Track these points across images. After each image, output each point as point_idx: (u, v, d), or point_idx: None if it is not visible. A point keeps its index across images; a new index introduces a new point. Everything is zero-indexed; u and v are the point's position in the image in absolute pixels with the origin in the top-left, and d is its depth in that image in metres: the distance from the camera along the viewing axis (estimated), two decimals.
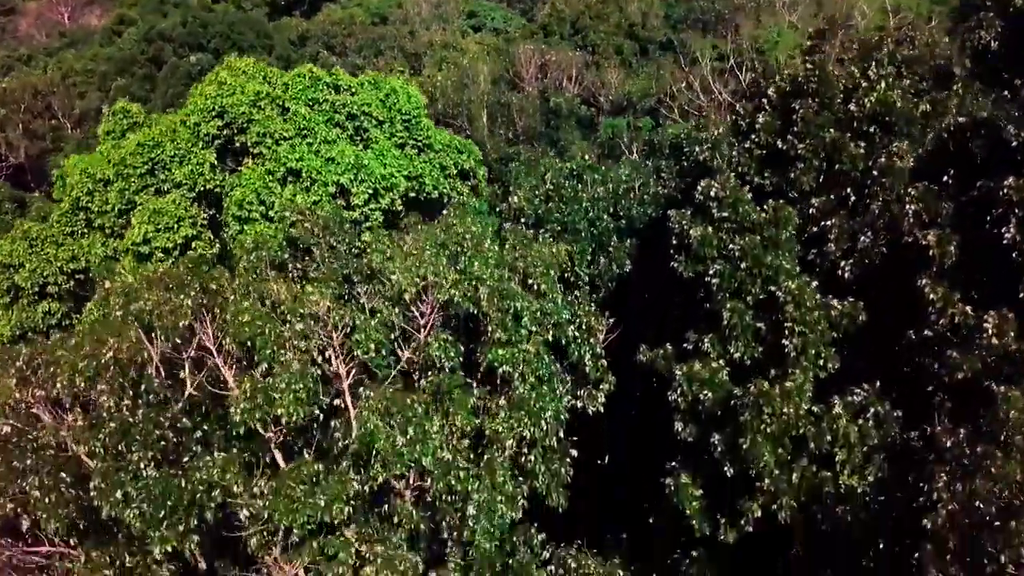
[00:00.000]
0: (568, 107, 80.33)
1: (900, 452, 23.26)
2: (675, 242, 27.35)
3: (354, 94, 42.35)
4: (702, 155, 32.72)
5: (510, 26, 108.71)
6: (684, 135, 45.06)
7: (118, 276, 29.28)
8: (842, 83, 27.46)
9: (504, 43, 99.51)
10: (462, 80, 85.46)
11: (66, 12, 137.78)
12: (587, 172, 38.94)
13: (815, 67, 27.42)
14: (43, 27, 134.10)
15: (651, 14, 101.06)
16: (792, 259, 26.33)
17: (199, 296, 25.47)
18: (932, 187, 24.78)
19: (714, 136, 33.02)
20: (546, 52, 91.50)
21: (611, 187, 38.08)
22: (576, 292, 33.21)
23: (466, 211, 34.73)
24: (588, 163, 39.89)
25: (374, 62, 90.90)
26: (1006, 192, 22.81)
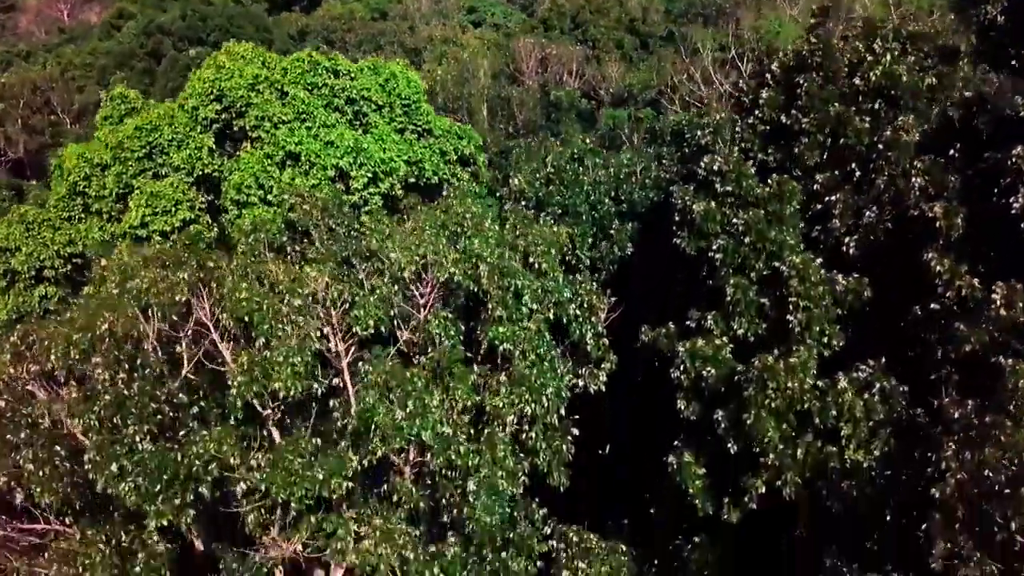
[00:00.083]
0: (568, 100, 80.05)
1: (906, 427, 22.91)
2: (678, 218, 27.03)
3: (353, 79, 41.98)
4: (704, 139, 32.49)
5: (510, 21, 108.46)
6: (685, 122, 44.88)
7: (115, 256, 28.90)
8: (847, 57, 27.15)
9: (504, 38, 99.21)
10: (462, 74, 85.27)
11: (66, 9, 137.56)
12: (588, 156, 38.64)
13: (819, 41, 27.09)
14: (43, 23, 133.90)
15: (651, 9, 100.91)
16: (796, 235, 26.02)
17: (196, 272, 25.23)
18: (938, 160, 24.47)
19: (716, 121, 32.79)
20: (546, 46, 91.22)
21: (612, 171, 37.76)
22: (578, 275, 32.90)
23: (466, 193, 34.45)
24: (589, 147, 39.60)
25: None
26: (1014, 161, 22.47)
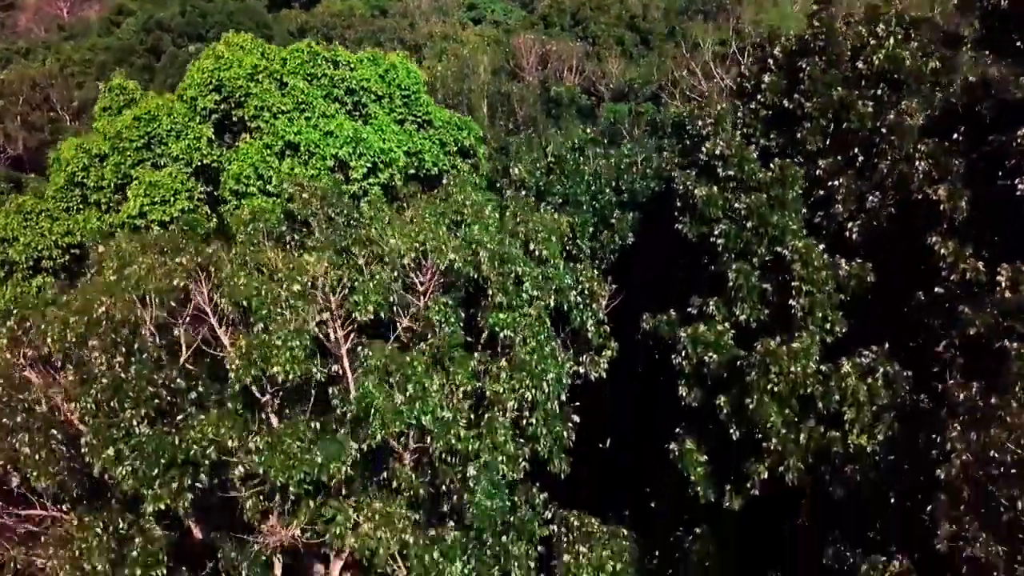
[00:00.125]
0: (569, 96, 79.85)
1: (910, 412, 22.72)
2: (679, 203, 26.84)
3: (353, 69, 41.80)
4: (705, 129, 32.23)
5: (510, 18, 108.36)
6: (687, 114, 44.66)
7: (113, 243, 28.72)
8: (850, 42, 26.94)
9: (504, 35, 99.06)
10: (462, 70, 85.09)
11: (65, 6, 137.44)
12: (589, 146, 38.46)
13: (822, 25, 26.89)
14: (42, 21, 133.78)
15: (652, 5, 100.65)
16: (799, 220, 25.83)
17: (194, 258, 25.05)
18: (942, 143, 24.26)
19: (718, 111, 32.56)
20: (546, 42, 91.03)
21: (613, 161, 37.57)
22: (579, 265, 32.70)
23: (466, 181, 34.27)
24: (590, 136, 39.42)
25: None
26: (1020, 142, 22.25)
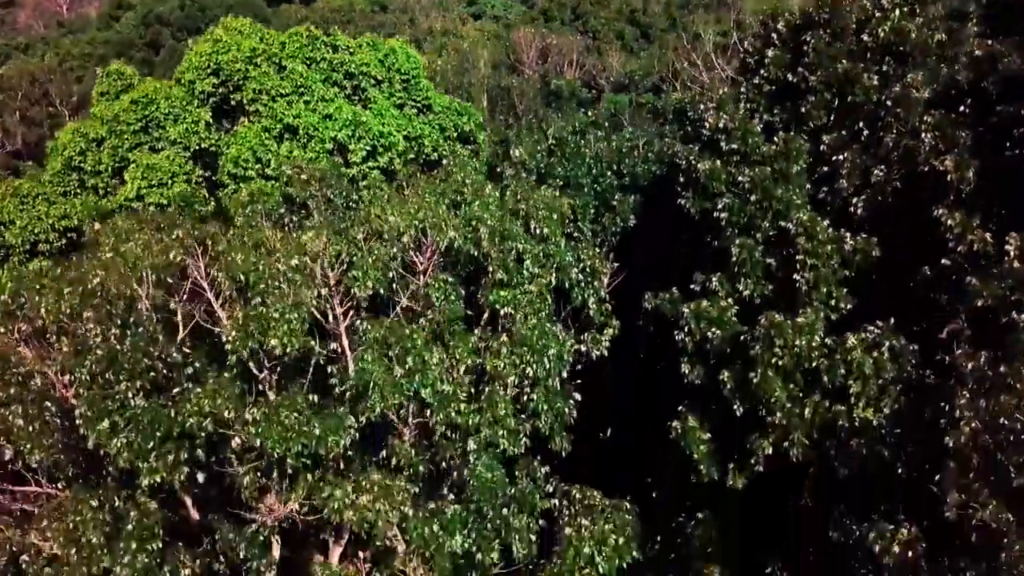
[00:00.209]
0: (569, 89, 79.60)
1: (916, 386, 22.39)
2: (682, 179, 26.52)
3: (352, 54, 41.50)
4: (707, 113, 31.94)
5: (510, 13, 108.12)
6: (688, 100, 44.34)
7: (109, 221, 28.43)
8: (854, 15, 26.62)
9: (504, 29, 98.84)
10: (462, 64, 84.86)
11: (65, 3, 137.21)
12: (590, 129, 38.17)
13: None
14: (41, 17, 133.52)
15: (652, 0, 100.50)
16: (803, 195, 25.52)
17: (191, 232, 24.78)
18: (949, 115, 23.94)
19: (720, 96, 32.24)
20: (546, 36, 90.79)
21: (615, 144, 37.28)
22: (580, 243, 32.40)
23: (466, 161, 33.96)
24: (591, 119, 39.16)
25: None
26: None
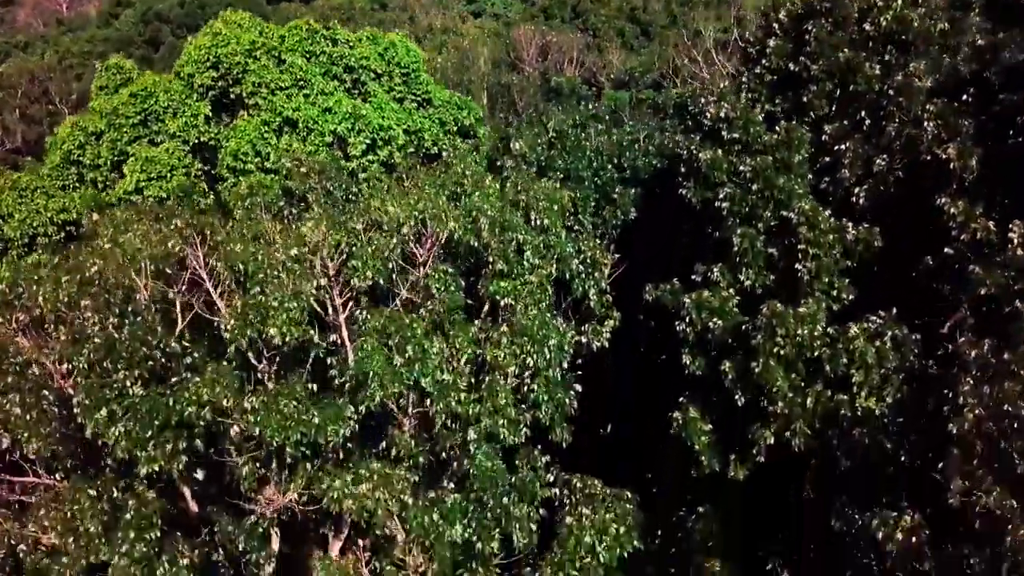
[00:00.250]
0: (569, 86, 79.50)
1: (919, 376, 22.26)
2: (683, 169, 26.39)
3: (352, 47, 41.36)
4: (707, 107, 31.80)
5: (510, 11, 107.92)
6: (689, 94, 44.18)
7: (107, 212, 28.34)
8: (856, 4, 26.47)
9: (504, 27, 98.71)
10: (462, 62, 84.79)
11: (64, 1, 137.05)
12: (590, 123, 38.02)
13: None
14: (41, 16, 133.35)
15: None
16: (805, 185, 25.38)
17: (189, 221, 24.69)
18: (951, 104, 23.81)
19: (721, 88, 32.13)
20: (546, 33, 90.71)
21: (615, 138, 37.14)
22: (581, 235, 32.26)
23: (466, 153, 33.86)
24: (592, 113, 39.00)
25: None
26: None
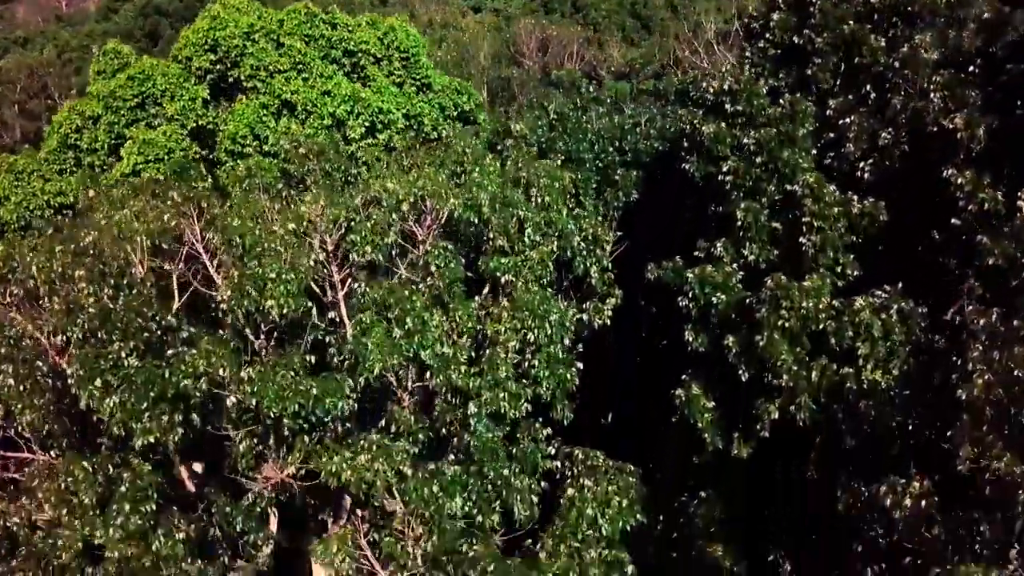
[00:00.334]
0: (570, 79, 78.97)
1: (925, 349, 21.94)
2: (686, 144, 26.06)
3: (351, 31, 41.12)
4: (708, 92, 31.49)
5: (510, 6, 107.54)
6: (690, 80, 43.89)
7: (103, 188, 28.03)
8: None
9: (504, 22, 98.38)
10: (462, 56, 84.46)
11: None
12: (592, 105, 37.71)
13: None
14: (40, 12, 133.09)
15: None
16: (809, 159, 25.06)
17: (185, 194, 24.40)
18: (958, 75, 23.49)
19: (723, 71, 31.81)
20: (547, 28, 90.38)
21: (617, 121, 36.83)
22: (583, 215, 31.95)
23: (466, 133, 33.55)
24: (593, 95, 38.70)
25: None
26: None
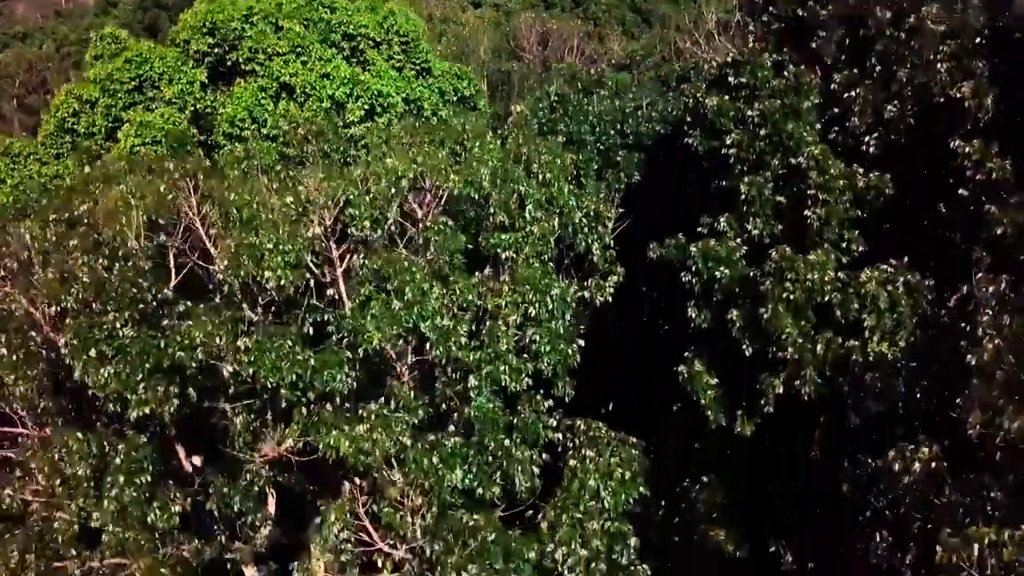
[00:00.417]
0: (570, 73, 78.79)
1: (932, 322, 21.63)
2: (689, 117, 25.75)
3: (350, 15, 40.87)
4: (711, 74, 31.19)
5: (510, 1, 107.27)
6: (692, 66, 43.60)
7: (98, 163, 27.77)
8: None
9: (504, 17, 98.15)
10: (462, 50, 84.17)
11: None
12: (593, 87, 37.43)
13: None
14: (39, 7, 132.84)
15: None
16: (814, 132, 24.74)
17: (182, 166, 24.08)
18: (965, 45, 23.19)
19: (725, 59, 31.53)
20: (547, 22, 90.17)
21: (618, 104, 36.53)
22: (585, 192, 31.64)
23: (466, 111, 33.26)
24: (594, 77, 38.40)
25: None
26: None
